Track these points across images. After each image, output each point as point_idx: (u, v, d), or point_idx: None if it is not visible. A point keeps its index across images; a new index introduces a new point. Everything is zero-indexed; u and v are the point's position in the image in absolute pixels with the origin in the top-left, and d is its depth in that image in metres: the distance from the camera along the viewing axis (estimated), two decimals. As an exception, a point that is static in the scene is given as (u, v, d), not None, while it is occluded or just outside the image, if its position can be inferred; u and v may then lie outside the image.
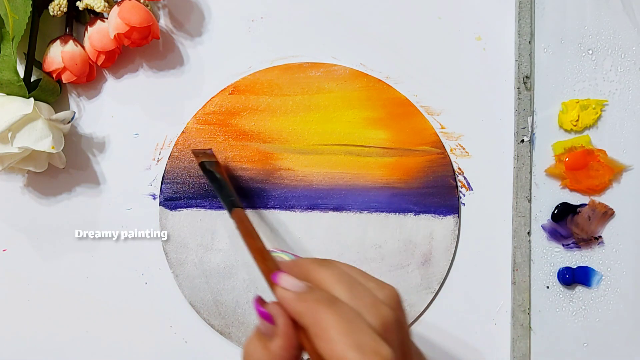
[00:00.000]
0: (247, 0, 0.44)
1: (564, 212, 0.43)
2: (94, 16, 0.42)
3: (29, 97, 0.40)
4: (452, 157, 0.44)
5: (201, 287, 0.43)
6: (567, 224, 0.43)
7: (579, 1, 0.43)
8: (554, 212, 0.43)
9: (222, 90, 0.44)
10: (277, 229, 0.43)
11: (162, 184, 0.44)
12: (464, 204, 0.43)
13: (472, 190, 0.44)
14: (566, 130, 0.43)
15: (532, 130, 0.43)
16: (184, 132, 0.44)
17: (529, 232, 0.43)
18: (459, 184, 0.43)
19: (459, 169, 0.44)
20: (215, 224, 0.43)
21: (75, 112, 0.43)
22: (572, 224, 0.43)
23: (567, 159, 0.42)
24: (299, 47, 0.44)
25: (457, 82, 0.44)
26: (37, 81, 0.41)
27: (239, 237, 0.35)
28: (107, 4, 0.41)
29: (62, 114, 0.41)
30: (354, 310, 0.27)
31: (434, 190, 0.43)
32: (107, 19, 0.42)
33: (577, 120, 0.42)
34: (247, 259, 0.42)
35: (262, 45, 0.44)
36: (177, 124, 0.44)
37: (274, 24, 0.44)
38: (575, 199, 0.43)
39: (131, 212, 0.44)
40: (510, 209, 0.43)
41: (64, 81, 0.42)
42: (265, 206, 0.43)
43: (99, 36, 0.41)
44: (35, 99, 0.40)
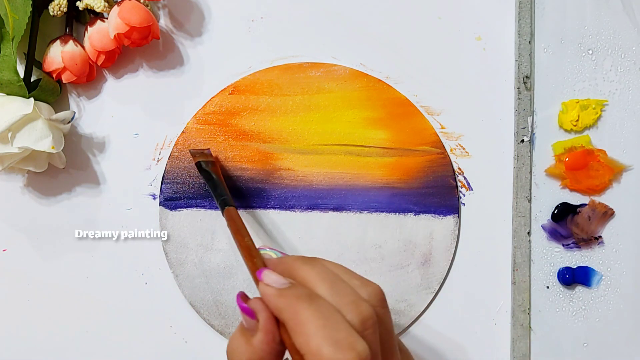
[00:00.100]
0: (247, 0, 0.44)
1: (564, 212, 0.43)
2: (94, 16, 0.42)
3: (29, 97, 0.40)
4: (452, 157, 0.43)
5: (201, 287, 0.43)
6: (567, 224, 0.43)
7: (579, 1, 0.43)
8: (554, 212, 0.43)
9: (222, 90, 0.44)
10: (277, 229, 0.43)
11: (162, 184, 0.44)
12: (464, 204, 0.43)
13: (472, 190, 0.44)
14: (566, 130, 0.43)
15: (532, 130, 0.43)
16: (184, 132, 0.44)
17: (529, 232, 0.43)
18: (459, 184, 0.43)
19: (459, 169, 0.44)
20: (215, 224, 0.43)
21: (75, 112, 0.43)
22: (572, 224, 0.43)
23: (567, 159, 0.42)
24: (299, 47, 0.44)
25: (457, 82, 0.44)
26: (37, 81, 0.41)
27: (230, 234, 0.35)
28: (107, 4, 0.41)
29: (62, 114, 0.41)
30: (333, 306, 0.27)
31: (434, 190, 0.43)
32: (107, 19, 0.42)
33: (577, 120, 0.42)
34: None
35: (262, 45, 0.44)
36: (177, 124, 0.44)
37: (274, 24, 0.44)
38: (575, 199, 0.43)
39: (131, 212, 0.44)
40: (510, 209, 0.43)
41: (64, 81, 0.42)
42: (265, 206, 0.43)
43: (99, 36, 0.41)
44: (35, 99, 0.40)
